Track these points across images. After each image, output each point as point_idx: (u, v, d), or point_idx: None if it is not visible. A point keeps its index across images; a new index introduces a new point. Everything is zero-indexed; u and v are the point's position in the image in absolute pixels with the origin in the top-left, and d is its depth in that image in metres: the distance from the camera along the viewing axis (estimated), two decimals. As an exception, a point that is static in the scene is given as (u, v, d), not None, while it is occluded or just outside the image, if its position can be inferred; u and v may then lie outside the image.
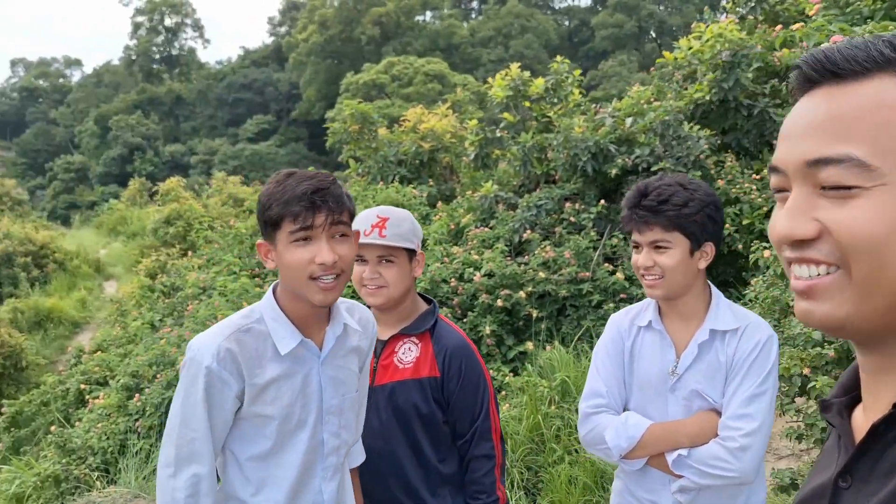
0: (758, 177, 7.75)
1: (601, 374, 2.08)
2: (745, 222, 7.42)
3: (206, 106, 60.30)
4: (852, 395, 0.85)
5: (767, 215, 7.43)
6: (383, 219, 2.11)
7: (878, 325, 0.75)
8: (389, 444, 2.15)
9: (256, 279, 8.24)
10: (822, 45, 0.88)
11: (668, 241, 1.89)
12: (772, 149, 8.22)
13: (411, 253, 2.17)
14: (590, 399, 2.07)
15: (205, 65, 67.83)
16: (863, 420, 0.81)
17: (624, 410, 2.07)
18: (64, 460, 6.15)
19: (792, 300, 4.13)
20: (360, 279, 2.14)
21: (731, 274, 7.89)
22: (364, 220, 2.12)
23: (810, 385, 3.24)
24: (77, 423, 7.30)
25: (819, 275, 0.77)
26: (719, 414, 1.94)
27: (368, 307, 2.20)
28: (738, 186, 7.64)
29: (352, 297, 2.32)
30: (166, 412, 6.07)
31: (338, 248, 1.68)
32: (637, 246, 1.96)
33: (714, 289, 2.04)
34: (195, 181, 32.24)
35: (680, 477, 1.93)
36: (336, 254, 1.66)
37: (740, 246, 7.34)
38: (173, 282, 10.16)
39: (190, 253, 12.27)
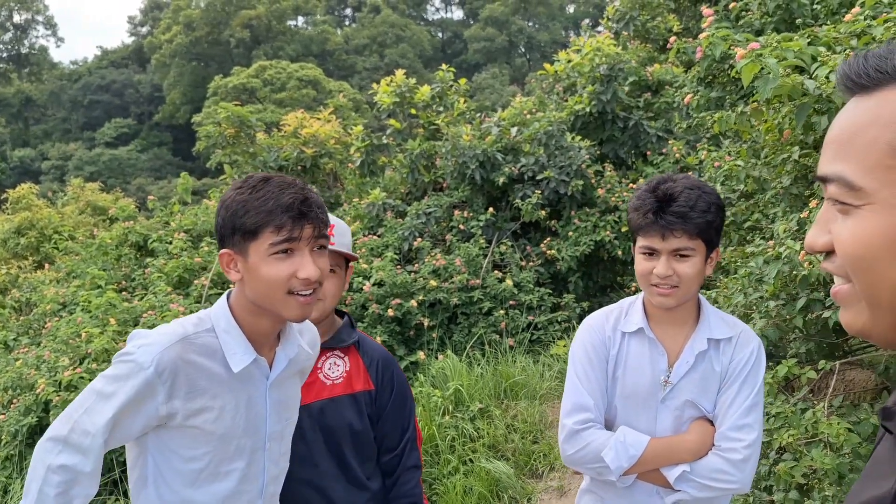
0: (633, 185, 8.10)
1: (584, 384, 1.93)
2: (623, 229, 7.72)
3: (59, 108, 56.27)
4: None
5: (645, 223, 7.76)
6: (330, 225, 1.95)
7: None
8: (317, 466, 1.97)
9: (124, 293, 7.66)
10: (861, 52, 0.81)
11: (692, 248, 1.78)
12: (646, 159, 8.62)
13: (346, 263, 2.04)
14: (576, 413, 1.91)
15: (58, 64, 63.26)
16: None
17: (605, 420, 1.96)
18: None
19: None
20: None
21: (610, 279, 8.20)
22: None
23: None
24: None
25: (841, 283, 0.79)
26: (710, 423, 1.89)
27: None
28: (616, 195, 7.96)
29: None
30: (25, 441, 5.52)
31: (318, 261, 1.57)
32: (651, 253, 1.80)
33: (699, 294, 1.96)
34: (48, 188, 29.91)
35: (676, 490, 1.86)
36: (318, 267, 1.56)
37: (620, 252, 7.63)
38: (28, 297, 9.27)
39: (46, 265, 11.28)
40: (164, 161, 48.55)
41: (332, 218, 1.97)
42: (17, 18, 59.18)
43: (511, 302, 6.94)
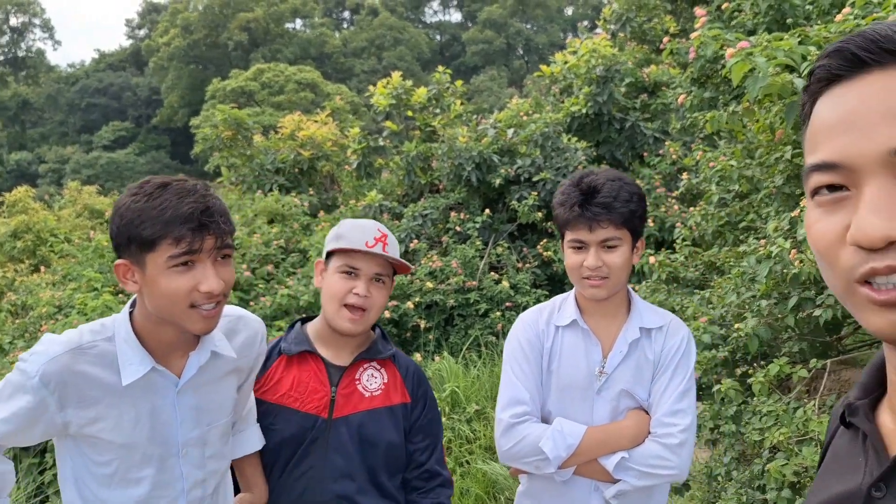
0: (631, 187, 8.10)
1: (520, 378, 1.94)
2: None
3: (57, 111, 56.19)
4: (873, 397, 0.80)
5: (641, 224, 7.78)
6: (384, 234, 1.90)
7: None
8: (354, 481, 1.91)
9: (121, 296, 7.66)
10: (859, 29, 0.74)
11: (618, 238, 1.82)
12: (642, 160, 8.63)
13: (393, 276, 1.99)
14: (511, 407, 1.92)
15: (55, 67, 63.18)
16: (892, 422, 0.76)
17: (542, 413, 1.97)
18: None
19: (678, 305, 4.28)
20: (346, 296, 1.88)
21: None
22: (364, 230, 1.90)
23: (714, 388, 3.33)
24: None
25: None
26: (645, 412, 1.91)
27: (300, 325, 2.03)
28: (613, 196, 7.95)
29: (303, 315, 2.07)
30: (22, 447, 5.51)
31: (222, 272, 1.49)
32: (580, 246, 1.84)
33: (628, 286, 2.00)
34: (45, 191, 29.90)
35: (615, 481, 1.86)
36: (222, 279, 1.48)
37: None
38: (23, 300, 9.25)
39: (42, 269, 11.28)
40: (162, 164, 48.48)
41: (383, 226, 1.95)
42: (13, 21, 59.11)
43: (508, 304, 6.95)
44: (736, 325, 3.34)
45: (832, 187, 0.69)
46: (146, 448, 1.56)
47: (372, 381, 1.97)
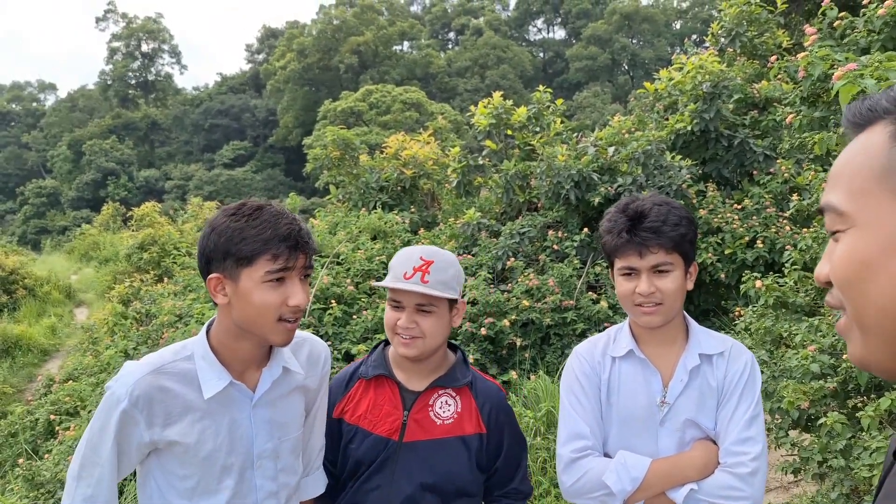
0: (739, 206, 7.82)
1: (578, 412, 1.90)
2: (727, 252, 7.46)
3: (182, 131, 59.95)
4: None
5: (749, 245, 7.49)
6: (427, 262, 1.89)
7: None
8: None
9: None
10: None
11: (670, 262, 1.79)
12: (752, 179, 8.31)
13: (452, 301, 1.95)
14: (572, 442, 1.88)
15: (181, 90, 67.55)
16: None
17: (604, 449, 1.92)
18: (32, 494, 5.90)
19: (786, 331, 4.11)
20: (394, 326, 1.91)
21: (712, 303, 7.92)
22: (405, 260, 1.91)
23: (820, 421, 3.18)
24: (46, 456, 7.02)
25: (840, 317, 0.80)
26: (713, 442, 1.85)
27: (383, 349, 2.08)
28: (719, 216, 7.70)
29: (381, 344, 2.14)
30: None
31: (306, 289, 1.66)
32: (630, 273, 1.81)
33: (684, 311, 1.94)
34: (170, 206, 31.88)
35: None
36: (306, 296, 1.64)
37: (723, 275, 7.38)
38: (147, 309, 9.92)
39: (165, 279, 12.04)
40: (276, 181, 50.69)
41: (433, 252, 1.93)
42: (144, 47, 63.51)
43: (606, 324, 6.83)
44: (845, 356, 3.18)
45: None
46: (226, 459, 1.68)
47: (445, 408, 1.98)
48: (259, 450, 1.72)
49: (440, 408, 1.98)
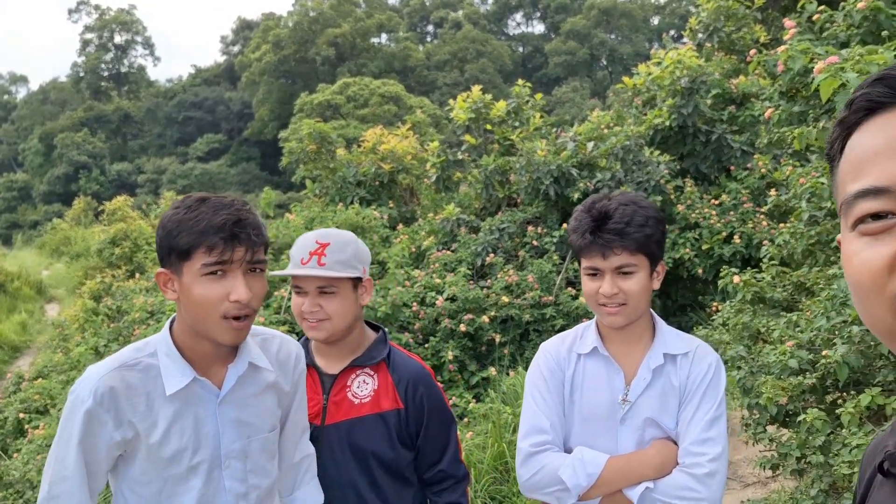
0: (716, 202, 7.85)
1: (540, 407, 1.89)
2: (704, 247, 7.49)
3: (155, 124, 59.14)
4: None
5: (727, 240, 7.52)
6: (322, 245, 1.91)
7: None
8: (351, 487, 1.96)
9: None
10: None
11: (634, 264, 1.77)
12: (729, 174, 8.34)
13: (356, 280, 1.97)
14: (532, 436, 1.86)
15: (154, 83, 66.58)
16: None
17: (565, 446, 1.91)
18: (0, 494, 5.78)
19: (764, 327, 4.10)
20: (300, 312, 1.94)
21: (690, 298, 7.95)
22: (302, 246, 1.93)
23: (799, 418, 3.17)
24: (15, 455, 6.89)
25: None
26: (673, 442, 1.83)
27: (306, 340, 2.05)
28: (697, 211, 7.73)
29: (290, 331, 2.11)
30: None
31: (253, 284, 1.57)
32: (594, 273, 1.80)
33: (651, 311, 1.94)
34: (143, 200, 31.47)
35: None
36: (251, 291, 1.55)
37: (700, 270, 7.40)
38: (119, 305, 9.75)
39: (137, 275, 11.86)
40: (252, 175, 50.21)
41: (329, 234, 1.95)
42: (117, 39, 62.56)
43: (584, 319, 6.81)
44: (824, 352, 3.17)
45: (877, 216, 0.67)
46: (192, 459, 1.62)
47: (363, 387, 1.99)
48: (226, 449, 1.66)
49: (358, 387, 1.99)
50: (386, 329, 2.16)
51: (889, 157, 0.67)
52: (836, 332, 3.20)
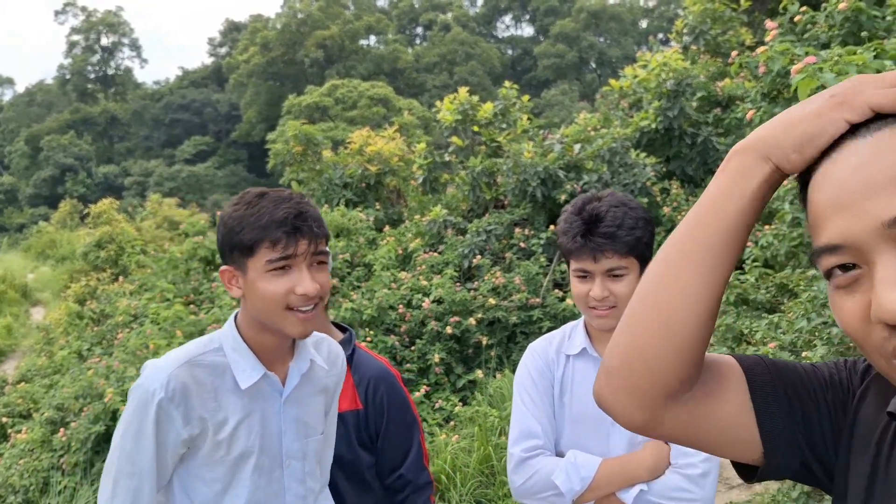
0: (702, 204, 7.88)
1: (531, 410, 1.86)
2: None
3: (142, 126, 58.82)
4: None
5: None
6: None
7: None
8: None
9: (191, 306, 7.89)
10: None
11: (624, 267, 1.75)
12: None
13: None
14: (524, 441, 1.83)
15: (141, 85, 66.27)
16: None
17: (556, 448, 1.89)
18: (-20, 501, 5.70)
19: (746, 328, 4.11)
20: None
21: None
22: None
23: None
24: (-3, 460, 6.81)
25: None
26: (665, 443, 1.80)
27: None
28: (683, 213, 7.76)
29: None
30: (93, 448, 5.73)
31: (317, 276, 1.56)
32: (584, 275, 1.78)
33: None
34: (129, 203, 31.29)
35: None
36: (317, 283, 1.54)
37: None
38: (103, 308, 9.68)
39: (122, 278, 11.77)
40: (239, 177, 50.01)
41: None
42: (104, 41, 62.20)
43: (571, 322, 6.82)
44: (804, 353, 3.17)
45: (844, 267, 0.68)
46: (257, 457, 1.61)
47: None
48: (287, 448, 1.65)
49: None
50: (353, 330, 2.13)
51: (833, 213, 0.67)
52: (816, 334, 3.21)
